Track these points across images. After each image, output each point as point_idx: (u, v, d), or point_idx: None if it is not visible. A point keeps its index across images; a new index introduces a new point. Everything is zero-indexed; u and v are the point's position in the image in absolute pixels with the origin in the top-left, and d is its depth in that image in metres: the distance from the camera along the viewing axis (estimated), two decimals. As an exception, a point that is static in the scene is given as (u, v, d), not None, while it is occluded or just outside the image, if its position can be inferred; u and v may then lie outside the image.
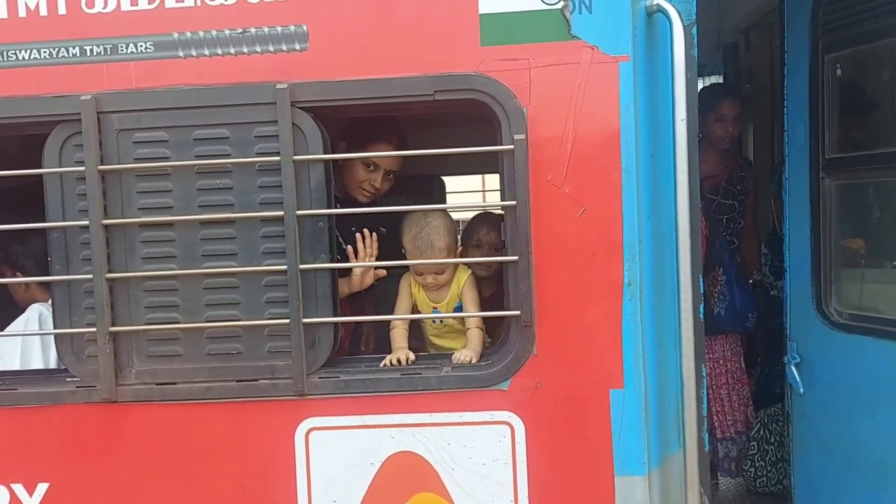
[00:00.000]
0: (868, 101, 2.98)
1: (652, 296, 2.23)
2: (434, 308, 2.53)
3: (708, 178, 3.77)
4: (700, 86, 4.26)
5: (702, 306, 2.25)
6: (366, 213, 2.67)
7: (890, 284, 2.97)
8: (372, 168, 2.70)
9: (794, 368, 3.18)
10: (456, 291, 2.50)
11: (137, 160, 2.20)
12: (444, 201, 4.79)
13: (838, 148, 3.00)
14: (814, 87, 3.02)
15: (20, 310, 2.80)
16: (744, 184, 4.01)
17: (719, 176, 3.92)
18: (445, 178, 5.11)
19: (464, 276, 2.51)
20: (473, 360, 2.30)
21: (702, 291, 2.25)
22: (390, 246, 3.50)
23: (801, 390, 3.15)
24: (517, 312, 2.16)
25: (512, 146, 2.13)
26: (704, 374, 2.29)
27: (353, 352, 3.02)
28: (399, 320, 2.50)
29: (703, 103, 3.19)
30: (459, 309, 2.51)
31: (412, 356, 2.34)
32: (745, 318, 3.84)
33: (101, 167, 2.18)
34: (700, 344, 2.23)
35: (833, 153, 3.00)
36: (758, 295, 4.04)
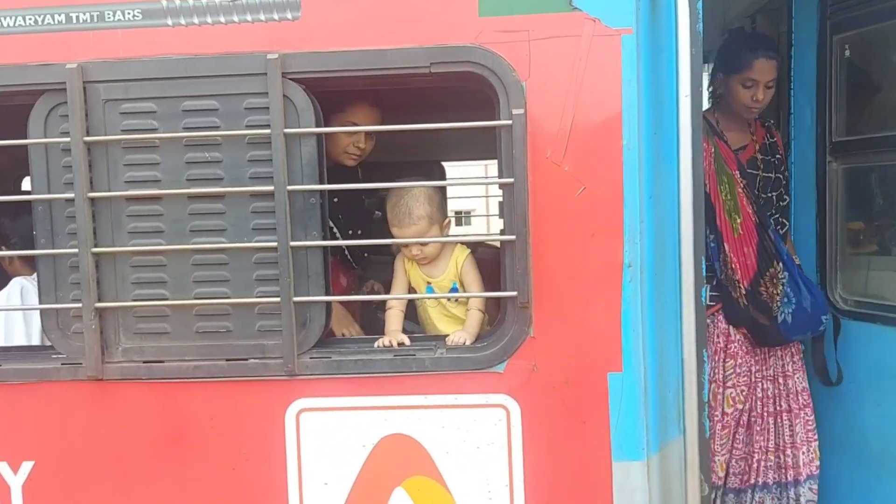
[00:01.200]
0: (877, 82, 2.92)
1: (653, 278, 2.17)
2: (428, 284, 2.46)
3: (739, 149, 3.03)
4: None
5: (704, 289, 2.19)
6: (360, 188, 2.61)
7: (897, 271, 2.92)
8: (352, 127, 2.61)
9: (798, 356, 3.12)
10: (454, 270, 2.43)
11: (124, 132, 2.14)
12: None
13: (846, 131, 2.94)
14: (821, 68, 2.97)
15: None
16: (780, 150, 3.15)
17: (751, 146, 3.06)
18: (448, 171, 5.04)
19: (463, 255, 2.44)
20: (468, 342, 2.24)
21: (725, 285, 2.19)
22: (386, 230, 3.45)
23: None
24: (514, 293, 2.10)
25: (510, 121, 2.06)
26: (706, 357, 2.22)
27: None
28: (395, 301, 2.44)
29: (728, 60, 2.91)
30: (455, 289, 2.44)
31: (405, 340, 2.28)
32: (818, 321, 2.95)
33: (86, 138, 2.11)
34: (701, 327, 2.17)
35: (840, 136, 2.94)
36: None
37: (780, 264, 2.89)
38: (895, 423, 2.76)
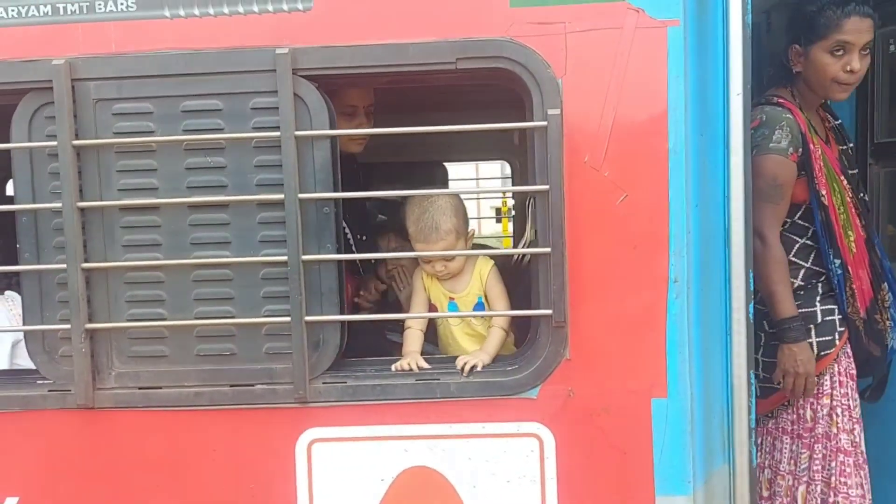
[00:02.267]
0: (925, 80, 2.74)
1: (699, 293, 1.98)
2: (451, 300, 2.27)
3: (825, 144, 2.46)
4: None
5: (751, 306, 2.01)
6: (373, 197, 2.41)
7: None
8: (351, 112, 2.41)
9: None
10: (478, 284, 2.23)
11: (117, 134, 1.94)
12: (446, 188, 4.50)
13: (888, 132, 2.76)
14: (862, 65, 2.77)
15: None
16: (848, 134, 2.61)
17: (832, 138, 2.51)
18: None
19: (487, 267, 2.24)
20: (479, 367, 2.03)
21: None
22: (391, 234, 3.25)
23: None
24: (549, 311, 1.91)
25: (545, 122, 1.87)
26: (754, 381, 2.05)
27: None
28: (414, 320, 2.24)
29: (806, 26, 2.35)
30: (481, 304, 2.25)
31: (423, 363, 2.08)
32: None
33: (75, 142, 1.91)
34: (750, 346, 2.00)
35: (883, 137, 2.76)
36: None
37: (886, 285, 2.49)
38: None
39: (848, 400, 2.41)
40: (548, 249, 1.90)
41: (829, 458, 2.41)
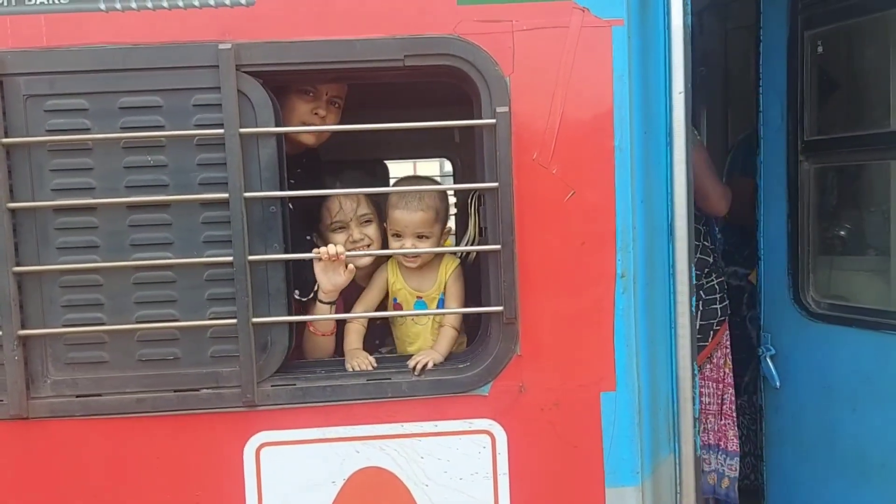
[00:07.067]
0: (852, 80, 2.85)
1: (644, 287, 2.02)
2: (418, 298, 2.25)
3: None
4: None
5: (693, 298, 2.07)
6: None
7: (871, 272, 2.86)
8: (311, 94, 2.25)
9: (769, 360, 3.05)
10: (443, 280, 2.23)
11: (50, 132, 1.86)
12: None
13: (818, 130, 2.87)
14: (792, 65, 2.88)
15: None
16: None
17: None
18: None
19: (452, 265, 2.24)
20: (430, 365, 2.02)
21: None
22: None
23: (777, 383, 3.02)
24: (499, 308, 1.92)
25: (493, 120, 1.87)
26: (696, 372, 2.10)
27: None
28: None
29: None
30: (443, 302, 2.24)
31: (373, 361, 2.07)
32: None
33: (5, 140, 1.83)
34: (693, 338, 2.06)
35: (812, 135, 2.86)
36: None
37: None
38: (872, 428, 2.69)
39: None
40: (498, 247, 1.90)
41: (733, 394, 3.13)
